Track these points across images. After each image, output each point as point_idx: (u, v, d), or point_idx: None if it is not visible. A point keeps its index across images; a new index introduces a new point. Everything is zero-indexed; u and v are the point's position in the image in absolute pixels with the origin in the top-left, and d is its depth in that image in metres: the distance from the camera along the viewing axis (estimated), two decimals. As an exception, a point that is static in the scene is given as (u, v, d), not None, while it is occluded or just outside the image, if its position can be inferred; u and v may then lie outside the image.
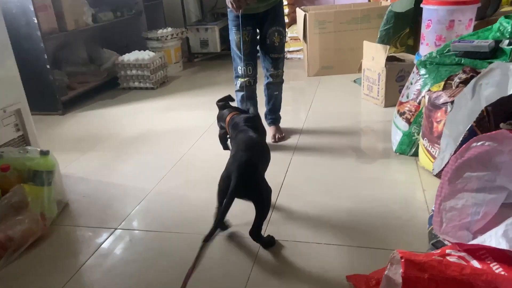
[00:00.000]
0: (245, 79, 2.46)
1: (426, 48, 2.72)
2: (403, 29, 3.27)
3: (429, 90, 1.96)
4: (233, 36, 2.41)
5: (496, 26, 2.18)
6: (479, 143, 1.39)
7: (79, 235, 1.87)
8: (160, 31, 4.56)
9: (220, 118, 1.99)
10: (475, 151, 1.41)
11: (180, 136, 2.90)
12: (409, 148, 2.26)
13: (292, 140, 2.65)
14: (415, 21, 3.26)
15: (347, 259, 1.58)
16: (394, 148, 2.34)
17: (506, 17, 2.15)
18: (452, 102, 1.74)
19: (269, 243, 1.66)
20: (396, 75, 2.93)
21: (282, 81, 2.66)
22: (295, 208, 1.91)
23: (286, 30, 4.26)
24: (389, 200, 1.92)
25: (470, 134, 1.45)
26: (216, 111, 2.06)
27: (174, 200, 2.08)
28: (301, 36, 4.03)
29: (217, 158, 2.46)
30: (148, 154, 2.66)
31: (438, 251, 1.44)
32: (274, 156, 1.96)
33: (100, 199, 2.14)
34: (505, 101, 1.49)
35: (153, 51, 4.29)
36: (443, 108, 1.81)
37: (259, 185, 1.60)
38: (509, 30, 2.09)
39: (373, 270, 1.47)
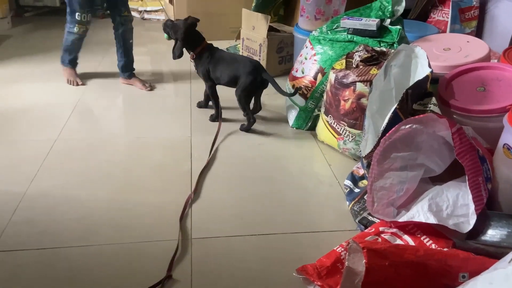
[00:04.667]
0: (84, 27, 2.55)
1: (306, 21, 2.76)
2: (277, -1, 3.27)
3: (333, 68, 1.99)
4: None
5: (376, 4, 2.32)
6: (407, 126, 1.47)
7: None
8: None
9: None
10: (401, 133, 1.49)
11: (39, 117, 2.36)
12: (305, 123, 2.31)
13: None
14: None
15: (283, 248, 1.53)
16: (291, 123, 2.35)
17: (386, -4, 2.31)
18: (365, 82, 1.81)
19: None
20: (277, 46, 2.92)
21: (133, 27, 2.75)
22: (204, 200, 1.76)
23: None
24: (301, 179, 1.94)
25: (395, 117, 1.52)
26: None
27: (62, 203, 1.69)
28: (167, -3, 3.67)
29: (98, 144, 2.11)
30: (1, 143, 2.08)
31: (372, 229, 1.51)
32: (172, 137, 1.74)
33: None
34: (420, 83, 1.61)
35: (-30, 3, 3.33)
36: (352, 87, 1.87)
37: None
38: (390, 10, 2.25)
39: (310, 255, 1.46)
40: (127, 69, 2.79)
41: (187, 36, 2.18)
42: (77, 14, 2.43)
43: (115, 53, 2.79)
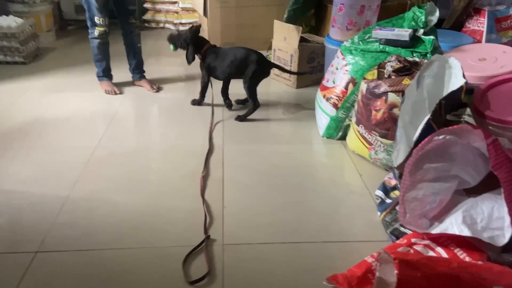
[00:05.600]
0: (103, 29, 2.75)
1: (337, 32, 2.78)
2: (309, 10, 3.31)
3: (364, 78, 2.00)
4: None
5: (409, 15, 2.32)
6: (440, 137, 1.46)
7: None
8: (25, -8, 3.80)
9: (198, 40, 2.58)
10: (434, 143, 1.48)
11: (81, 125, 2.48)
12: (336, 132, 2.32)
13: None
14: (319, 2, 3.33)
15: (313, 257, 1.55)
16: (321, 132, 2.37)
17: (419, 6, 2.30)
18: (397, 93, 1.81)
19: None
20: (308, 57, 2.95)
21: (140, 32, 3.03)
22: (235, 207, 1.80)
23: None
24: (331, 188, 1.94)
25: (427, 128, 1.52)
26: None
27: (101, 207, 1.77)
28: (201, 11, 3.78)
29: (135, 151, 2.20)
30: (45, 149, 2.20)
31: (404, 241, 1.50)
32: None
33: (-1, 215, 1.70)
34: (454, 94, 1.60)
35: (19, 17, 3.54)
36: (383, 97, 1.87)
37: None
38: (423, 20, 2.24)
39: (341, 265, 1.46)
40: (137, 71, 3.02)
41: (195, 40, 2.54)
42: (96, 18, 2.69)
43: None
